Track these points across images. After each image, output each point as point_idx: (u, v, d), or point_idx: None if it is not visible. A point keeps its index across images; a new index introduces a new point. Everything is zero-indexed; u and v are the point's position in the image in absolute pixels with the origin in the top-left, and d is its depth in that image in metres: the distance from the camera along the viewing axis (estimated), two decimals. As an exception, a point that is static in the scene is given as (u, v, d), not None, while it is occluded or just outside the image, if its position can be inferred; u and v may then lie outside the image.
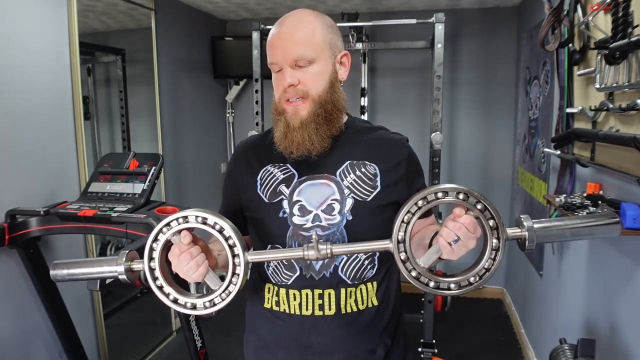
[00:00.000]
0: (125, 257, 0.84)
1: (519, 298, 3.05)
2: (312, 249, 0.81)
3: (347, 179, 0.97)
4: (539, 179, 2.38)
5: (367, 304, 1.00)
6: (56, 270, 0.87)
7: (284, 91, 0.95)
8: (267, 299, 1.02)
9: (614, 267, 1.46)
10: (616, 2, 1.24)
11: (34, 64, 1.92)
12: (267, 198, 0.99)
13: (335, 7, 3.19)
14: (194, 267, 0.82)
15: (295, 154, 0.95)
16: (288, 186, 0.98)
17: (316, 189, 0.97)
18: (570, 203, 1.49)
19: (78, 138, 2.16)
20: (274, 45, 0.95)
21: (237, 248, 0.81)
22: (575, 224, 0.81)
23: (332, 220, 0.95)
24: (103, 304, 2.37)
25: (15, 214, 1.78)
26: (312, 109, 0.94)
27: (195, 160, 3.32)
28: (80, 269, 0.87)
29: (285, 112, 0.95)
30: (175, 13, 3.01)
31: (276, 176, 1.00)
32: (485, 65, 3.31)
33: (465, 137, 3.42)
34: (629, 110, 1.21)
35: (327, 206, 0.96)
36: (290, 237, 0.97)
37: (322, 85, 0.96)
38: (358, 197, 0.96)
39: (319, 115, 0.94)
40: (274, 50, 0.95)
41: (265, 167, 1.02)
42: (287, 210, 0.97)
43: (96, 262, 0.87)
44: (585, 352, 1.20)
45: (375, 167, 0.99)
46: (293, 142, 0.94)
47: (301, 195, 0.97)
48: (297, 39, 0.94)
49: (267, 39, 0.99)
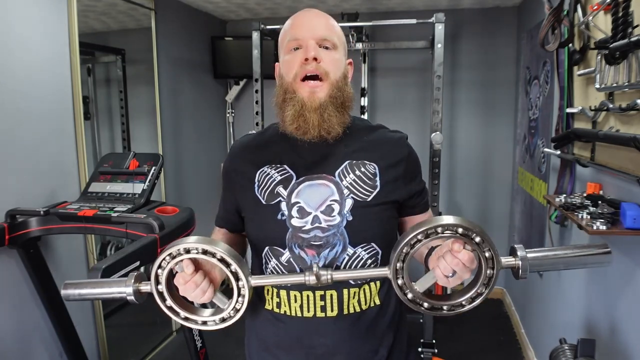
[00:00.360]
0: (133, 280, 0.86)
1: (519, 298, 3.05)
2: (313, 274, 0.84)
3: (346, 179, 0.96)
4: (539, 179, 2.38)
5: (369, 304, 0.99)
6: (68, 290, 0.89)
7: (303, 64, 0.92)
8: (267, 300, 1.01)
9: (614, 267, 1.46)
10: (616, 2, 1.24)
11: (33, 64, 1.92)
12: (264, 200, 0.97)
13: (335, 7, 3.19)
14: (200, 294, 0.84)
15: (311, 134, 0.93)
16: (286, 187, 0.96)
17: (315, 189, 0.96)
18: (570, 203, 1.49)
19: (78, 138, 2.16)
20: (298, 23, 0.96)
21: (240, 274, 0.83)
22: (567, 254, 0.84)
23: (332, 221, 0.94)
24: (103, 304, 2.37)
25: (15, 214, 1.78)
26: (330, 91, 0.93)
27: (195, 160, 3.32)
28: (90, 290, 0.90)
29: (300, 92, 0.93)
30: (175, 13, 3.01)
31: (273, 177, 0.98)
32: (485, 65, 3.31)
33: (465, 137, 3.42)
34: (629, 110, 1.21)
35: (326, 207, 0.94)
36: (289, 239, 0.96)
37: (339, 73, 0.96)
38: (358, 197, 0.95)
39: (336, 99, 0.94)
40: (299, 26, 0.96)
41: (262, 168, 1.00)
42: (286, 212, 0.96)
43: (106, 284, 0.89)
44: (585, 352, 1.20)
45: (375, 166, 0.98)
46: (309, 122, 0.92)
47: (300, 196, 0.96)
48: (324, 23, 0.96)
49: (287, 24, 0.99)
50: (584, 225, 1.26)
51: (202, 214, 2.06)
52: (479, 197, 3.48)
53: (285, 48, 0.97)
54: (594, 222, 1.26)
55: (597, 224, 1.24)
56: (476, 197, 3.48)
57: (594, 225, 1.24)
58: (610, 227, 1.23)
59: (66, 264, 2.11)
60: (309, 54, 0.92)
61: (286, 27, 0.99)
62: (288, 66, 0.95)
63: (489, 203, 3.46)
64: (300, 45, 0.94)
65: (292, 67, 0.94)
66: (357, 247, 0.95)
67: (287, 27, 0.99)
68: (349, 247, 0.95)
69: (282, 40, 1.00)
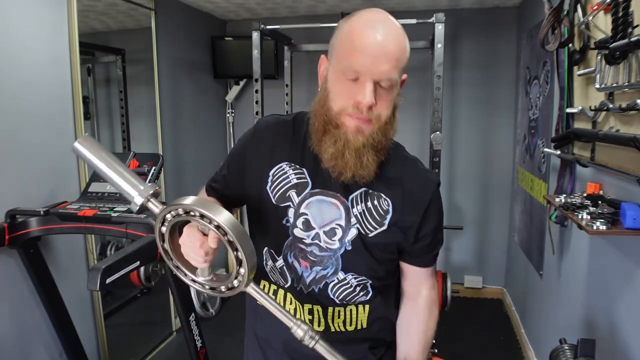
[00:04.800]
0: (152, 191, 0.81)
1: (519, 298, 3.05)
2: (302, 331, 0.81)
3: (357, 207, 0.92)
4: (539, 179, 2.38)
5: (355, 326, 0.98)
6: (81, 144, 0.81)
7: (356, 106, 0.83)
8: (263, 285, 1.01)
9: (614, 267, 1.46)
10: (616, 2, 1.24)
11: (34, 64, 1.92)
12: (275, 199, 0.94)
13: (335, 7, 3.19)
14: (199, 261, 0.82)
15: (345, 177, 0.87)
16: (299, 194, 0.93)
17: (325, 207, 0.92)
18: (570, 203, 1.49)
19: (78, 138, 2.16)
20: (365, 51, 0.81)
21: (244, 265, 0.79)
22: None
23: (331, 245, 0.92)
24: (103, 304, 2.37)
25: (15, 214, 1.78)
26: (374, 133, 0.86)
27: (195, 160, 3.32)
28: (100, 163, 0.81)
29: (345, 127, 0.85)
30: (175, 13, 3.01)
31: (289, 179, 0.94)
32: (485, 65, 3.31)
33: (465, 137, 3.42)
34: (629, 110, 1.21)
35: (330, 229, 0.92)
36: (287, 246, 0.95)
37: (389, 111, 0.88)
38: (362, 230, 0.92)
39: (378, 142, 0.87)
40: (363, 57, 0.81)
41: (280, 163, 0.95)
42: (292, 220, 0.93)
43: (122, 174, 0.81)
44: (585, 352, 1.20)
45: (390, 203, 0.93)
46: (347, 164, 0.85)
47: (309, 208, 0.93)
48: (393, 57, 0.82)
49: (353, 33, 0.83)
50: (584, 225, 1.26)
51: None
52: (479, 197, 3.48)
53: (340, 67, 0.84)
54: (594, 222, 1.26)
55: (597, 224, 1.24)
56: (476, 197, 3.48)
57: (594, 225, 1.24)
58: (610, 227, 1.23)
59: (66, 264, 2.11)
60: (364, 101, 0.82)
61: (350, 38, 0.83)
62: (338, 94, 0.85)
63: (489, 203, 3.46)
64: (358, 79, 0.82)
65: (342, 99, 0.84)
66: (348, 274, 0.94)
67: (351, 42, 0.83)
68: (341, 272, 0.94)
69: (340, 50, 0.85)
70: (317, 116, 0.89)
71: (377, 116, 0.85)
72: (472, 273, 3.54)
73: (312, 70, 3.55)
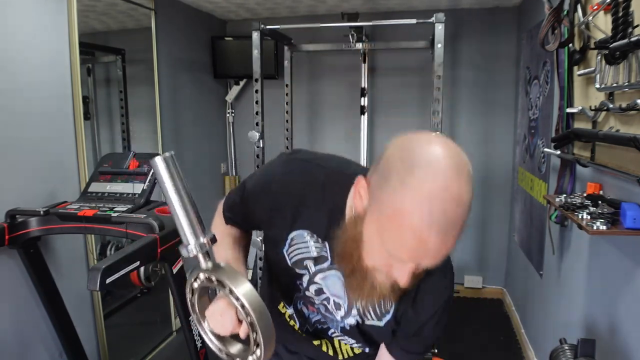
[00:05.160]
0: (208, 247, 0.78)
1: (519, 298, 3.05)
2: None
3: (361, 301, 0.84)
4: (539, 179, 2.38)
5: (362, 350, 1.03)
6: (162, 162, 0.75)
7: (389, 275, 0.73)
8: (282, 305, 1.04)
9: (614, 267, 1.46)
10: (616, 2, 1.24)
11: (33, 64, 1.92)
12: (290, 262, 0.92)
13: (335, 7, 3.19)
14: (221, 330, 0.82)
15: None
16: (316, 264, 0.90)
17: (339, 283, 0.89)
18: (570, 203, 1.49)
19: (78, 138, 2.16)
20: (416, 246, 0.64)
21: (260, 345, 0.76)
22: None
23: (335, 315, 0.95)
24: (103, 304, 2.37)
25: (15, 214, 1.78)
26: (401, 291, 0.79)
27: (195, 160, 3.32)
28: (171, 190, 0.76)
29: (374, 277, 0.75)
30: (175, 13, 3.01)
31: (309, 249, 0.88)
32: (485, 65, 3.31)
33: (465, 137, 3.42)
34: (629, 110, 1.21)
35: (337, 302, 0.93)
36: (297, 297, 0.98)
37: None
38: (359, 319, 0.94)
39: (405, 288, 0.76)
40: (413, 252, 0.65)
41: (302, 230, 0.88)
42: (304, 285, 0.93)
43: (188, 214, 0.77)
44: (585, 352, 1.20)
45: (393, 307, 0.89)
46: (366, 298, 0.79)
47: (324, 280, 0.91)
48: (449, 250, 0.67)
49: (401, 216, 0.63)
50: (584, 225, 1.26)
51: (202, 214, 2.06)
52: (478, 197, 3.47)
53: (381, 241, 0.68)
54: (594, 222, 1.26)
55: (597, 224, 1.24)
56: (476, 197, 3.43)
57: (594, 225, 1.24)
58: (610, 227, 1.23)
59: (66, 264, 2.11)
60: (400, 282, 0.71)
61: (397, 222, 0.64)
62: (373, 254, 0.72)
63: (489, 203, 3.46)
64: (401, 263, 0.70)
65: (377, 262, 0.72)
66: (346, 337, 0.99)
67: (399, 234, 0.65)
68: (340, 332, 0.99)
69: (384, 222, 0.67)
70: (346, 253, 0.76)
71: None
72: (472, 273, 3.53)
73: (312, 70, 3.57)
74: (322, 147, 3.55)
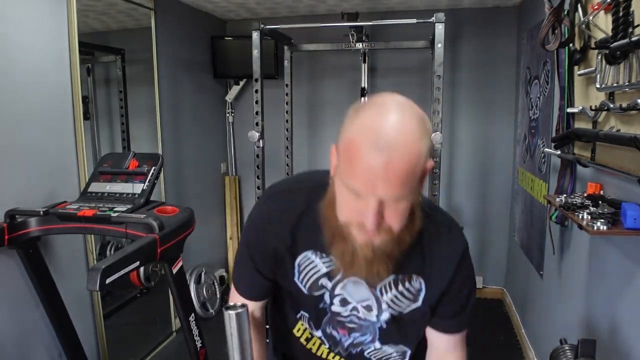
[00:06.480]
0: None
1: (519, 298, 3.05)
2: None
3: (387, 294, 0.89)
4: (539, 179, 2.38)
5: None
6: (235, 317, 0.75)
7: (360, 225, 0.75)
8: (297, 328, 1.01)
9: (614, 267, 1.46)
10: (616, 2, 1.24)
11: (33, 64, 1.91)
12: (307, 290, 0.92)
13: (335, 7, 3.19)
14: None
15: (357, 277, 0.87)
16: (330, 279, 0.90)
17: (359, 287, 0.90)
18: (570, 203, 1.49)
19: (78, 138, 2.16)
20: (364, 176, 0.69)
21: None
22: None
23: (369, 317, 0.93)
24: (103, 304, 2.37)
25: (15, 214, 1.77)
26: (385, 244, 0.78)
27: (195, 160, 3.31)
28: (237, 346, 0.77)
29: (352, 238, 0.78)
30: (175, 13, 3.01)
31: (318, 267, 0.89)
32: (485, 65, 3.31)
33: (465, 137, 3.42)
34: (630, 110, 1.20)
35: (366, 305, 0.92)
36: (326, 322, 0.95)
37: (403, 220, 0.77)
38: (395, 312, 0.91)
39: (392, 250, 0.80)
40: (363, 181, 0.70)
41: (304, 252, 0.90)
42: (328, 301, 0.92)
43: None
44: (586, 352, 1.20)
45: (422, 281, 0.90)
46: (360, 273, 0.82)
47: (344, 289, 0.91)
48: (400, 178, 0.69)
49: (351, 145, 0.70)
50: (585, 226, 1.26)
51: (202, 214, 2.06)
52: (479, 197, 3.47)
53: (342, 179, 0.74)
54: (594, 222, 1.25)
55: (598, 224, 1.24)
56: (476, 197, 3.48)
57: (595, 225, 1.24)
58: (610, 227, 1.23)
59: (66, 264, 2.10)
60: (368, 219, 0.73)
61: (348, 150, 0.71)
62: (343, 206, 0.77)
63: (489, 203, 3.46)
64: (361, 196, 0.72)
65: (347, 213, 0.76)
66: (385, 345, 0.96)
67: (349, 158, 0.71)
68: (377, 342, 0.95)
69: (341, 159, 0.73)
70: (325, 219, 0.81)
71: (387, 229, 0.76)
72: (472, 273, 3.53)
73: (312, 70, 3.56)
74: (322, 147, 3.55)
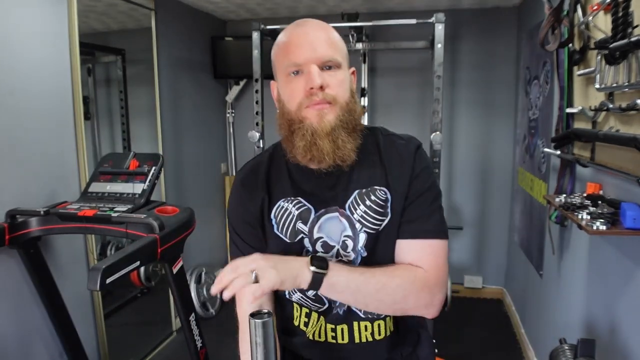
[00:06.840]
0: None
1: (519, 298, 3.05)
2: None
3: (357, 211, 0.90)
4: (539, 179, 2.38)
5: (384, 334, 0.97)
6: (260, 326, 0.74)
7: (309, 94, 0.84)
8: (295, 316, 1.00)
9: (614, 267, 1.46)
10: (616, 2, 1.24)
11: (34, 64, 1.92)
12: (287, 238, 0.93)
13: (335, 7, 3.19)
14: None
15: (326, 163, 0.87)
16: (305, 222, 0.92)
17: (334, 222, 0.92)
18: (570, 203, 1.49)
19: (78, 138, 2.16)
20: (296, 44, 0.85)
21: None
22: None
23: (349, 257, 0.92)
24: (103, 304, 2.37)
25: (16, 214, 1.78)
26: (339, 114, 0.86)
27: (195, 160, 3.32)
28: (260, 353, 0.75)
29: (308, 119, 0.86)
30: (175, 13, 3.01)
31: (292, 213, 0.92)
32: (485, 65, 3.31)
33: (465, 137, 3.42)
34: (629, 110, 1.21)
35: (342, 243, 0.91)
36: None
37: (347, 94, 0.88)
38: (370, 230, 0.90)
39: (347, 124, 0.87)
40: (298, 48, 0.85)
41: (277, 202, 0.94)
42: (310, 248, 0.92)
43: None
44: (585, 352, 1.20)
45: (386, 190, 0.91)
46: (323, 150, 0.85)
47: (322, 231, 0.92)
48: (325, 38, 0.86)
49: (281, 40, 0.89)
50: (584, 226, 1.26)
51: (202, 214, 2.06)
52: (478, 197, 3.48)
53: (283, 71, 0.88)
54: (594, 222, 1.26)
55: (597, 224, 1.24)
56: (476, 197, 3.48)
57: (594, 225, 1.24)
58: (610, 227, 1.23)
59: (66, 264, 2.11)
60: (314, 82, 0.83)
61: (281, 44, 0.89)
62: (290, 94, 0.87)
63: (489, 203, 3.46)
64: (301, 70, 0.85)
65: (295, 96, 0.86)
66: None
67: (282, 46, 0.88)
68: None
69: (277, 59, 0.90)
70: (282, 126, 0.90)
71: (333, 97, 0.85)
72: (472, 273, 3.54)
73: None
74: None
